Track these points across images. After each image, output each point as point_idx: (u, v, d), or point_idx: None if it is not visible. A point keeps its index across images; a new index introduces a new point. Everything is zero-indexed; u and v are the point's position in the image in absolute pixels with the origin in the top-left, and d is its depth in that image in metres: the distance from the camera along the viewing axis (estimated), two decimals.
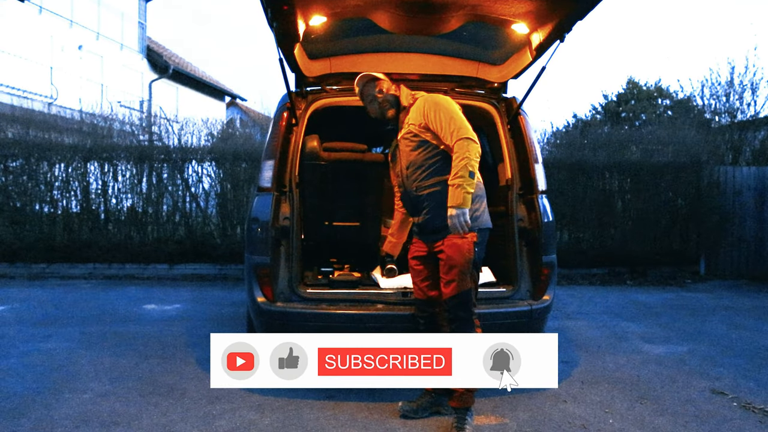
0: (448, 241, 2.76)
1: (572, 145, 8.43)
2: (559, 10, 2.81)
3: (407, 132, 2.93)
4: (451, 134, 2.75)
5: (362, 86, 3.09)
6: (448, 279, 2.77)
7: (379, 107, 3.03)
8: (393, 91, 3.05)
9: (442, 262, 2.80)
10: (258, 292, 3.18)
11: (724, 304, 6.20)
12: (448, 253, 2.76)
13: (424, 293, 2.97)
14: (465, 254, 2.74)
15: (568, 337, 4.66)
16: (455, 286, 2.74)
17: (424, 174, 2.87)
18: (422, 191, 2.87)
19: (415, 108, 2.93)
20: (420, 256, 2.96)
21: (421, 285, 2.98)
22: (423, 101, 2.92)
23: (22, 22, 13.02)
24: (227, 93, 21.53)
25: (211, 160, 7.80)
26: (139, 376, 3.51)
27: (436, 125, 2.81)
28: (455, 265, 2.74)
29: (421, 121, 2.86)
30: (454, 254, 2.74)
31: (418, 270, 2.98)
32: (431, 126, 2.83)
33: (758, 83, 9.39)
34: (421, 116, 2.87)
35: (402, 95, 3.03)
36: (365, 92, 3.08)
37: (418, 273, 2.98)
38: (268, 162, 3.34)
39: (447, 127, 2.78)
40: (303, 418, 2.91)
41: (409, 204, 3.01)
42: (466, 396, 2.78)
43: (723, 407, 3.17)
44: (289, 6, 2.61)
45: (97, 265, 7.43)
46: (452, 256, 2.74)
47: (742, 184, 8.08)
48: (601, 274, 7.82)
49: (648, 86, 21.52)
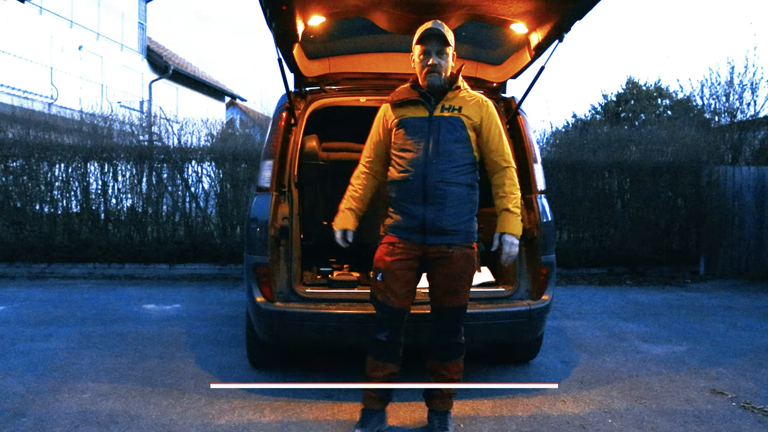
0: (459, 251, 2.63)
1: (572, 145, 8.42)
2: (557, 10, 2.81)
3: (455, 118, 2.67)
4: (505, 157, 2.73)
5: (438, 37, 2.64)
6: (455, 288, 2.65)
7: (441, 68, 2.65)
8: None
9: (445, 270, 2.63)
10: (257, 291, 3.18)
11: (724, 304, 6.20)
12: (461, 264, 2.64)
13: (400, 301, 2.65)
14: (473, 265, 2.72)
15: (568, 336, 4.66)
16: (462, 296, 2.68)
17: (455, 168, 2.64)
18: (447, 185, 2.62)
19: (474, 103, 2.72)
20: (405, 259, 2.65)
21: (400, 292, 2.64)
22: (486, 102, 2.76)
23: (22, 23, 13.04)
24: (227, 93, 21.55)
25: (211, 160, 7.79)
26: (138, 375, 3.52)
27: (491, 136, 2.71)
28: (465, 276, 2.68)
29: (477, 121, 2.69)
30: (467, 265, 2.67)
31: (399, 276, 2.64)
32: (485, 132, 2.70)
33: (758, 83, 9.40)
34: (479, 116, 2.70)
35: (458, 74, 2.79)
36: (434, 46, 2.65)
37: (397, 279, 2.63)
38: (267, 162, 3.34)
39: (502, 146, 2.73)
40: (302, 418, 2.91)
41: (414, 191, 2.63)
42: (449, 400, 2.78)
43: (722, 407, 3.17)
44: (287, 6, 2.61)
45: (97, 265, 7.43)
46: (465, 267, 2.66)
47: (742, 184, 8.08)
48: (601, 274, 7.82)
49: (647, 86, 21.52)
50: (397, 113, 2.76)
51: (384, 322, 2.68)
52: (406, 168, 2.66)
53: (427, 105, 2.69)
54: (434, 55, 2.65)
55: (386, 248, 2.69)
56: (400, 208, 2.68)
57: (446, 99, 2.70)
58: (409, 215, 2.65)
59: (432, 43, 2.65)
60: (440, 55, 2.65)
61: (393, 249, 2.66)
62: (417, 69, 2.73)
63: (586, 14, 2.75)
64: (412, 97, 2.72)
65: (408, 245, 2.65)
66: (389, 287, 2.64)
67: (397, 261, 2.64)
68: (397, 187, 2.70)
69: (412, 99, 2.72)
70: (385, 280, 2.64)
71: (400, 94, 2.78)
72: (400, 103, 2.76)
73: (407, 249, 2.65)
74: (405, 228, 2.66)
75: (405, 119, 2.72)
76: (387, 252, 2.67)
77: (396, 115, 2.76)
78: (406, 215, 2.66)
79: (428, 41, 2.65)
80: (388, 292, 2.64)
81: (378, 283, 2.67)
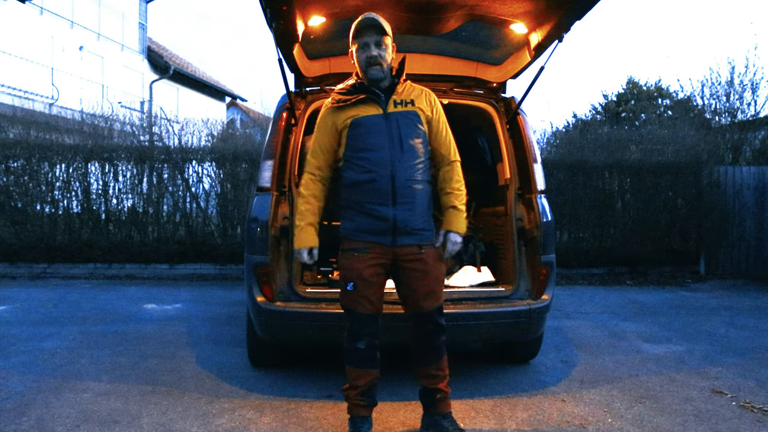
0: (431, 252, 2.60)
1: (572, 145, 8.43)
2: (557, 10, 2.82)
3: (411, 112, 2.60)
4: (453, 150, 2.71)
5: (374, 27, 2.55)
6: (432, 289, 2.59)
7: (382, 59, 2.57)
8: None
9: (417, 273, 2.56)
10: (257, 291, 3.19)
11: (724, 304, 6.20)
12: (433, 264, 2.60)
13: (374, 307, 2.57)
14: (443, 261, 2.70)
15: (568, 336, 4.67)
16: (439, 295, 2.64)
17: (419, 165, 2.58)
18: (415, 182, 2.56)
19: (423, 96, 2.68)
20: (376, 264, 2.54)
21: (374, 298, 2.55)
22: (431, 94, 2.72)
23: (23, 23, 13.05)
24: (227, 93, 21.57)
25: (212, 161, 7.82)
26: (139, 375, 3.52)
27: (440, 129, 2.69)
28: (439, 275, 2.66)
29: (429, 114, 2.65)
30: (438, 263, 2.65)
31: (373, 281, 2.54)
32: (434, 125, 2.68)
33: (758, 83, 9.44)
34: (430, 108, 2.67)
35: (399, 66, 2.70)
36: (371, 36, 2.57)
37: (371, 285, 2.53)
38: (267, 162, 3.35)
39: (449, 139, 2.71)
40: (302, 417, 2.92)
41: (381, 192, 2.52)
42: (449, 400, 2.75)
43: (722, 406, 3.17)
44: (288, 6, 2.62)
45: (97, 265, 7.45)
46: (438, 265, 2.64)
47: (742, 184, 8.08)
48: (601, 274, 7.82)
49: (648, 86, 21.51)
50: (346, 114, 2.61)
51: (361, 330, 2.58)
52: (369, 168, 2.53)
53: (379, 102, 2.59)
54: (373, 46, 2.56)
55: (352, 255, 2.56)
56: (364, 210, 2.55)
57: (396, 93, 2.62)
58: (377, 217, 2.52)
59: (370, 35, 2.56)
60: (379, 46, 2.56)
61: (361, 255, 2.54)
62: (357, 65, 2.63)
63: (585, 14, 2.75)
64: (360, 95, 2.60)
65: (377, 248, 2.54)
66: (363, 295, 2.53)
67: (368, 267, 2.53)
68: (361, 189, 2.56)
69: (360, 98, 2.60)
70: (357, 289, 2.52)
71: (345, 95, 2.65)
72: (346, 104, 2.62)
73: (377, 253, 2.54)
74: (372, 231, 2.54)
75: (357, 119, 2.58)
76: (355, 259, 2.54)
77: (345, 116, 2.61)
78: (374, 217, 2.53)
79: (365, 33, 2.56)
80: (363, 299, 2.53)
81: (349, 293, 2.55)
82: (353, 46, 2.63)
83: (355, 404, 2.64)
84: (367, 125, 2.58)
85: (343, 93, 2.66)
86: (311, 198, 2.69)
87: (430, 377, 2.68)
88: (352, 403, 2.65)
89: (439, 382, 2.69)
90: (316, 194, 2.70)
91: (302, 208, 2.69)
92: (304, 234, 2.67)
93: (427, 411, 2.74)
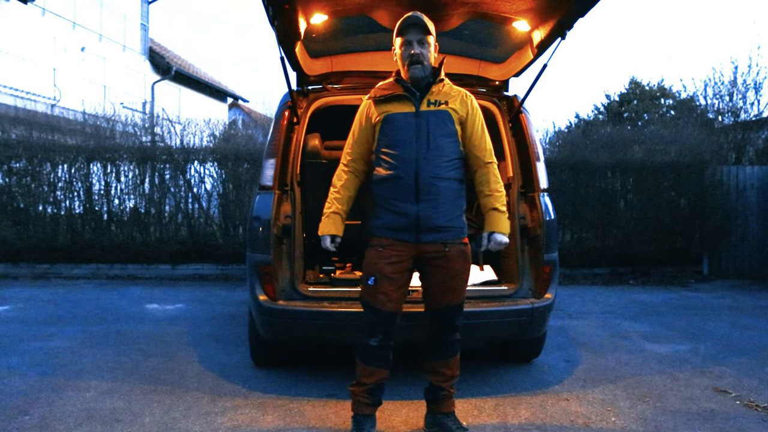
0: (455, 248, 2.58)
1: (575, 145, 8.41)
2: (560, 8, 2.81)
3: (443, 111, 2.61)
4: (488, 152, 2.70)
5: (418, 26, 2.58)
6: (454, 286, 2.60)
7: (424, 58, 2.59)
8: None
9: (443, 269, 2.58)
10: (260, 290, 3.18)
11: (727, 304, 6.19)
12: (458, 261, 2.60)
13: (394, 305, 2.57)
14: (469, 261, 2.69)
15: (571, 335, 4.65)
16: (461, 293, 2.64)
17: (446, 164, 2.59)
18: (439, 180, 2.56)
19: (459, 97, 2.68)
20: (398, 261, 2.56)
21: (394, 296, 2.56)
22: (468, 97, 2.71)
23: (25, 24, 13.08)
24: (229, 94, 21.59)
25: (214, 161, 7.82)
26: (141, 374, 3.52)
27: (475, 131, 2.67)
28: (463, 273, 2.64)
29: (463, 115, 2.65)
30: (464, 262, 2.64)
31: (394, 279, 2.55)
32: (469, 127, 2.66)
33: (761, 83, 9.40)
34: (465, 110, 2.66)
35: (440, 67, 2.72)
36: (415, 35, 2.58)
37: (392, 282, 2.54)
38: (269, 161, 3.34)
39: (485, 141, 2.69)
40: (305, 416, 2.91)
41: (405, 188, 2.55)
42: (454, 399, 2.75)
43: (725, 405, 3.15)
44: (290, 4, 2.61)
45: (99, 265, 7.45)
46: (463, 264, 2.63)
47: (746, 184, 8.07)
48: (604, 273, 7.81)
49: (650, 86, 21.50)
50: (381, 110, 2.66)
51: (376, 327, 2.58)
52: (395, 165, 2.57)
53: (413, 100, 2.62)
54: (416, 44, 2.58)
55: (376, 251, 2.58)
56: (389, 206, 2.58)
57: (431, 93, 2.64)
58: (401, 213, 2.55)
59: (413, 33, 2.58)
60: (422, 44, 2.58)
61: (384, 251, 2.56)
62: (399, 62, 2.67)
63: (588, 11, 2.74)
64: (397, 92, 2.64)
65: (400, 246, 2.56)
66: (383, 291, 2.53)
67: (390, 264, 2.55)
68: (386, 185, 2.60)
69: (396, 94, 2.64)
70: (377, 284, 2.54)
71: (383, 90, 2.70)
72: (384, 99, 2.67)
73: (400, 250, 2.56)
74: (396, 227, 2.57)
75: (390, 115, 2.63)
76: (378, 255, 2.57)
77: (379, 111, 2.66)
78: (397, 214, 2.56)
79: (409, 31, 2.59)
80: (382, 296, 2.54)
81: (369, 287, 2.56)
82: (396, 41, 2.65)
83: (360, 402, 2.64)
84: (398, 122, 2.62)
85: (383, 88, 2.72)
86: (341, 188, 2.75)
87: (438, 374, 2.68)
88: (356, 400, 2.65)
89: (445, 381, 2.68)
90: (347, 185, 2.76)
91: (331, 197, 2.77)
92: (327, 221, 2.73)
93: (431, 409, 2.74)
